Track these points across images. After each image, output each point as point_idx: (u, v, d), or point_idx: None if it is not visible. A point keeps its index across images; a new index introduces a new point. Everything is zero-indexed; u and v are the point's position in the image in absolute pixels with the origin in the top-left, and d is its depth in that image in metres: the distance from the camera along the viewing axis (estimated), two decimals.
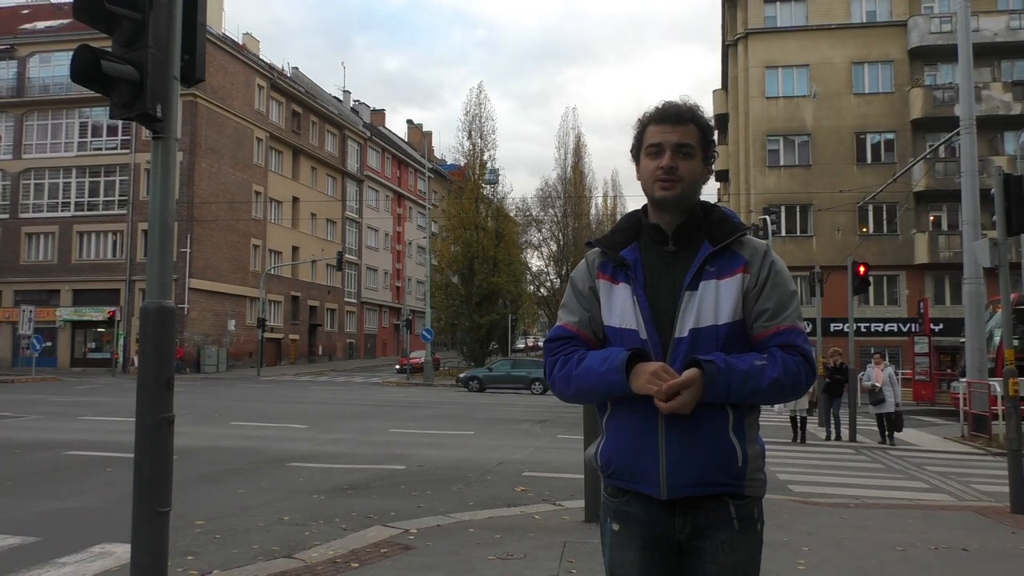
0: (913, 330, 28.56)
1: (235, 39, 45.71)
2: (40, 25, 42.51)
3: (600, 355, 1.98)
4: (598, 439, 2.11)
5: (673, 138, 2.01)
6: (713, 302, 1.95)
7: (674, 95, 2.13)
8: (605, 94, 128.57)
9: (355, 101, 63.93)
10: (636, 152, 2.11)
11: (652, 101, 2.07)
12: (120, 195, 39.66)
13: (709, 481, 1.92)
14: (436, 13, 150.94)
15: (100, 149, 40.50)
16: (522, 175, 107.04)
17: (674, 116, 2.04)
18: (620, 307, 2.02)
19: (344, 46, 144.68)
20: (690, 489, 1.92)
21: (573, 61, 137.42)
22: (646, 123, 2.07)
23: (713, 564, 1.95)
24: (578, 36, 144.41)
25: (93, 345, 39.55)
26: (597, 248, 2.12)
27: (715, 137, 2.13)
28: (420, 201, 60.30)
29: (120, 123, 36.94)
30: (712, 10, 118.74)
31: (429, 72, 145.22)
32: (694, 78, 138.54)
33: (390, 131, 69.87)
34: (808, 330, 2.07)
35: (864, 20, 34.05)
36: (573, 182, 55.12)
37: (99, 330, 39.30)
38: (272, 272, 44.10)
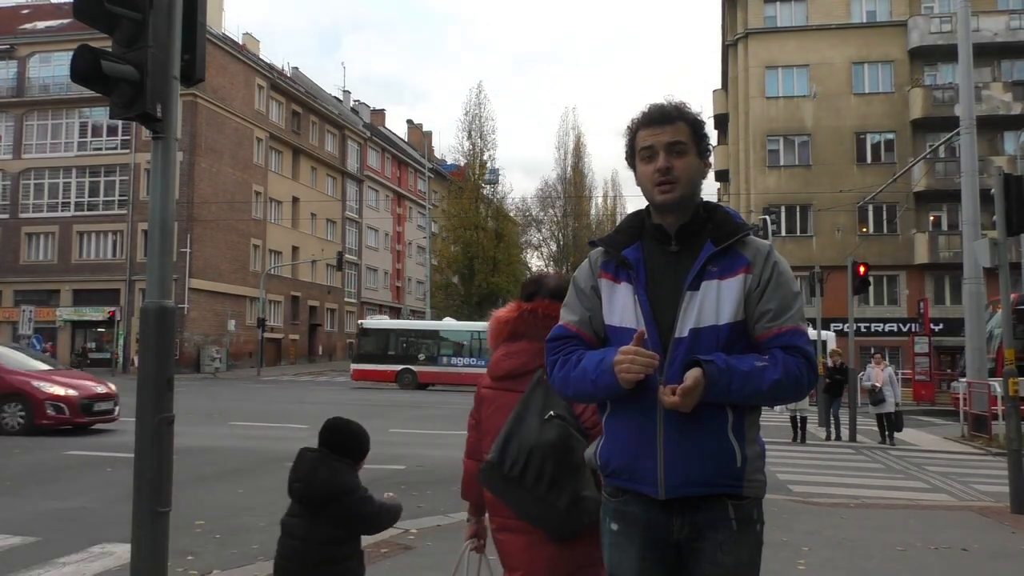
0: (913, 330, 28.57)
1: (235, 39, 45.72)
2: (40, 25, 42.51)
3: (595, 357, 1.98)
4: (598, 438, 2.11)
5: (664, 138, 2.01)
6: (714, 302, 1.94)
7: (672, 95, 2.13)
8: (602, 94, 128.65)
9: (355, 101, 63.92)
10: (630, 158, 2.11)
11: (650, 101, 2.05)
12: (120, 195, 39.64)
13: (707, 481, 1.91)
14: (428, 14, 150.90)
15: (100, 149, 40.50)
16: (517, 175, 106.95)
17: (661, 117, 2.04)
18: (621, 306, 2.02)
19: (336, 47, 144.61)
20: (688, 489, 1.92)
21: (567, 61, 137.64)
22: (635, 129, 2.08)
23: (712, 565, 1.94)
24: (573, 35, 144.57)
25: (93, 345, 39.53)
26: (600, 247, 2.12)
27: (706, 131, 2.12)
28: (420, 201, 60.29)
29: (120, 123, 36.93)
30: (711, 10, 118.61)
31: (420, 73, 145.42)
32: (693, 78, 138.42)
33: (390, 131, 69.84)
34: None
35: (864, 20, 34.06)
36: (573, 182, 55.17)
37: (99, 330, 39.29)
38: (272, 272, 44.09)
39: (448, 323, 33.00)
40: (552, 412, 2.34)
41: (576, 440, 2.33)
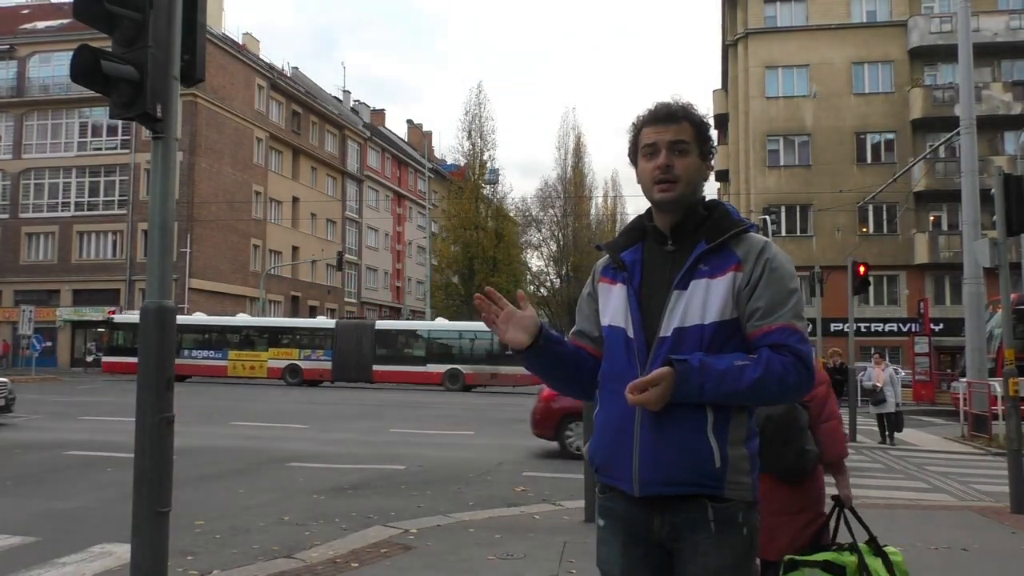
0: (913, 330, 28.58)
1: (235, 39, 45.72)
2: (40, 25, 42.52)
3: None
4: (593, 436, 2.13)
5: (667, 137, 2.01)
6: (701, 301, 1.93)
7: (680, 95, 2.14)
8: (602, 94, 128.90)
9: (355, 101, 63.92)
10: (633, 155, 2.12)
11: (649, 100, 2.08)
12: (120, 195, 39.67)
13: (682, 481, 1.89)
14: (428, 13, 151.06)
15: (100, 149, 40.51)
16: (514, 175, 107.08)
17: (666, 116, 2.04)
18: (614, 306, 2.05)
19: (335, 47, 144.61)
20: (662, 488, 1.90)
21: (567, 61, 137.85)
22: (640, 126, 2.08)
23: (693, 566, 1.92)
24: (573, 35, 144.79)
25: (93, 345, 39.55)
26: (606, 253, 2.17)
27: (711, 133, 2.12)
28: (420, 201, 60.30)
29: (120, 123, 36.95)
30: (711, 10, 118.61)
31: (416, 74, 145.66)
32: (693, 78, 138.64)
33: (390, 131, 69.84)
34: (808, 329, 2.02)
35: (864, 20, 34.07)
36: (573, 182, 55.11)
37: (99, 330, 39.28)
38: (272, 272, 44.09)
39: (196, 318, 33.72)
40: None
41: (798, 409, 3.25)
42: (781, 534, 3.29)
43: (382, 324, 33.11)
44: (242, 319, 33.94)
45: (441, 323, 33.97)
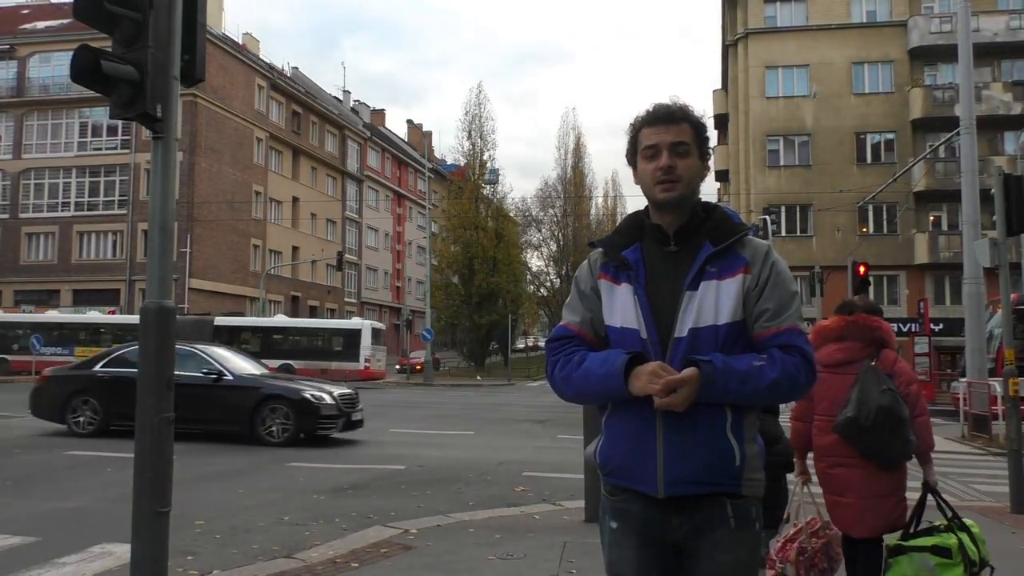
0: (913, 330, 28.57)
1: (235, 39, 45.71)
2: (40, 25, 42.51)
3: (599, 357, 1.98)
4: (597, 437, 2.12)
5: (668, 138, 2.02)
6: (713, 302, 1.95)
7: (678, 96, 2.14)
8: (600, 95, 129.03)
9: (355, 101, 63.91)
10: (632, 157, 2.12)
11: (649, 101, 2.09)
12: (120, 195, 39.66)
13: (706, 480, 1.92)
14: (423, 16, 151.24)
15: (100, 149, 40.51)
16: (513, 176, 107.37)
17: (666, 117, 2.05)
18: (621, 307, 2.03)
19: (334, 47, 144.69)
20: (687, 488, 1.92)
21: (567, 61, 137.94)
22: (639, 127, 2.08)
23: (710, 564, 1.95)
24: (572, 36, 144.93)
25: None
26: (600, 249, 2.13)
27: (709, 134, 2.14)
28: (420, 201, 60.25)
29: (120, 123, 36.94)
30: (711, 10, 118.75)
31: (415, 75, 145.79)
32: (693, 78, 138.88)
33: (390, 131, 69.83)
34: (809, 331, 2.06)
35: (864, 20, 34.05)
36: (573, 182, 55.13)
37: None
38: (272, 272, 44.08)
39: (49, 315, 34.19)
40: (885, 386, 3.74)
41: (901, 404, 3.73)
42: (870, 515, 3.86)
43: (220, 320, 33.13)
44: (91, 316, 34.24)
45: (279, 319, 35.26)
